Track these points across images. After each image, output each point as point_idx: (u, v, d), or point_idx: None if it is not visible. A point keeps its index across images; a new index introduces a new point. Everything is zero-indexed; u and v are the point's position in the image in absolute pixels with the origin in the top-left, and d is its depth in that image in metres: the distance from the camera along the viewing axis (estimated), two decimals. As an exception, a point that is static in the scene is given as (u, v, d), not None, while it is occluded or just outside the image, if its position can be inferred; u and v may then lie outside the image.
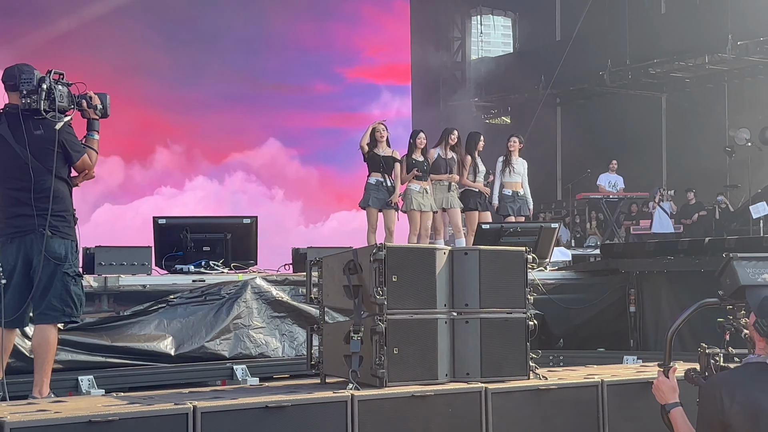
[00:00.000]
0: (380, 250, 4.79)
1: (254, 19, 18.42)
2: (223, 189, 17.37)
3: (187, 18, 17.46)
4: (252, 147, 18.06)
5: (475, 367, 5.02)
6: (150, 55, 17.14)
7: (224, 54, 17.98)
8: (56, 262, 5.67)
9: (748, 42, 17.48)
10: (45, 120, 5.64)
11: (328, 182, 18.95)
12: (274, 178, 18.15)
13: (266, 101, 18.58)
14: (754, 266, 3.99)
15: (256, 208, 15.98)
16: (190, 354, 7.25)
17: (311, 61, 19.13)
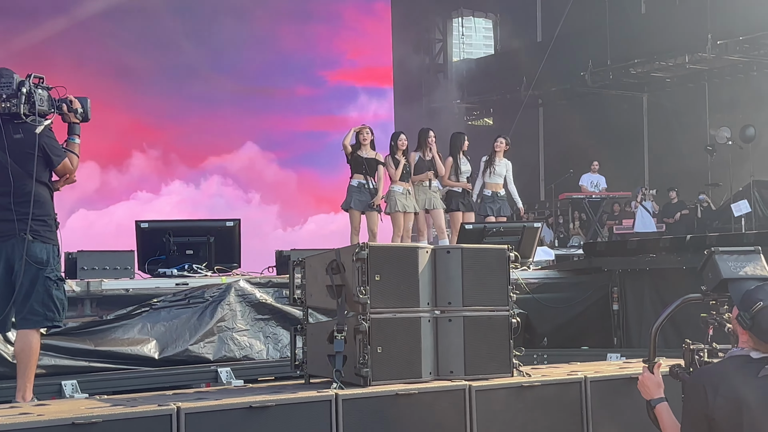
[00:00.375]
0: (363, 250, 4.79)
1: (236, 23, 18.42)
2: (199, 193, 17.32)
3: (168, 23, 17.43)
4: (230, 151, 18.04)
5: (459, 365, 5.03)
6: (130, 59, 17.14)
7: (206, 58, 17.98)
8: (38, 266, 5.64)
9: (727, 41, 17.58)
10: (25, 124, 5.62)
11: (307, 185, 18.94)
12: (251, 182, 18.14)
13: (248, 105, 18.57)
14: (735, 260, 4.01)
15: (232, 212, 16.00)
16: (174, 357, 7.23)
17: (293, 64, 19.14)
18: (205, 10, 17.89)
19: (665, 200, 18.92)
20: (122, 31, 17.02)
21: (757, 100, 18.72)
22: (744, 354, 3.53)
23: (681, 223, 18.14)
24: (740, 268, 3.94)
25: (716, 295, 4.05)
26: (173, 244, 8.51)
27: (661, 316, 4.27)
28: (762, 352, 3.50)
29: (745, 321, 3.49)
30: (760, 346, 3.50)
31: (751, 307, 3.50)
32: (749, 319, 3.48)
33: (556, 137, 22.32)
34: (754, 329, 3.48)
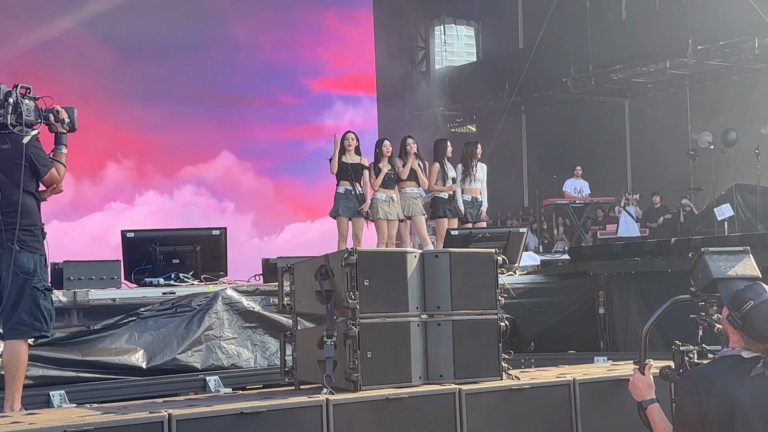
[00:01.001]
0: (351, 255, 4.81)
1: (218, 32, 18.43)
2: (173, 203, 17.21)
3: (148, 32, 17.41)
4: (206, 160, 17.93)
5: (449, 369, 5.05)
6: (112, 70, 17.10)
7: (189, 68, 17.96)
8: (25, 276, 5.63)
9: (708, 46, 17.70)
10: (12, 134, 5.62)
11: (285, 194, 18.88)
12: (226, 192, 18.02)
13: (230, 114, 18.56)
14: (725, 260, 4.05)
15: (206, 222, 15.94)
16: (161, 367, 7.22)
17: (275, 73, 19.14)
18: (187, 19, 17.87)
19: (648, 205, 19.01)
20: (100, 40, 16.97)
21: (738, 105, 18.85)
22: (735, 354, 3.55)
23: (664, 227, 18.24)
24: (730, 268, 3.98)
25: (705, 296, 4.07)
26: (159, 253, 8.51)
27: (651, 318, 4.29)
28: (753, 351, 3.51)
29: (736, 320, 3.51)
30: (751, 345, 3.51)
31: (742, 306, 3.51)
32: (740, 318, 3.50)
33: (540, 143, 22.41)
34: (745, 328, 3.50)
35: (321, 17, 20.03)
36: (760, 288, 3.59)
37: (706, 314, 4.11)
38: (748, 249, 4.11)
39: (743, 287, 3.61)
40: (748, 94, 18.76)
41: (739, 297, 3.56)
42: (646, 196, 19.09)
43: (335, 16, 20.45)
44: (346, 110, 20.17)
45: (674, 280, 8.75)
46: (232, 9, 18.51)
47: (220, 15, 18.39)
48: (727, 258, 4.02)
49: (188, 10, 17.84)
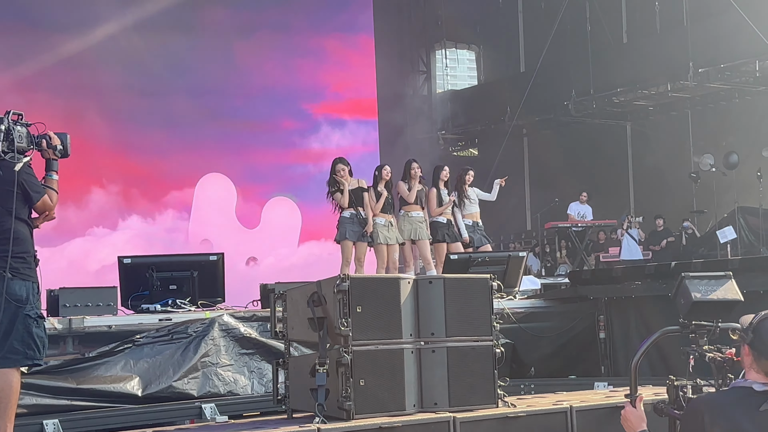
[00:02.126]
0: (344, 281, 4.77)
1: (218, 56, 18.47)
2: (154, 228, 17.03)
3: (150, 56, 17.46)
4: (192, 185, 17.76)
5: (443, 397, 5.00)
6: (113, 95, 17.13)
7: (189, 93, 17.97)
8: (17, 304, 5.58)
9: (709, 69, 17.69)
10: (3, 161, 5.58)
11: (276, 218, 18.75)
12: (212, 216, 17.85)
13: (230, 138, 18.55)
14: (706, 284, 4.00)
15: (187, 247, 15.82)
16: (157, 394, 7.17)
17: (277, 98, 19.16)
18: (187, 44, 17.92)
19: (651, 228, 18.95)
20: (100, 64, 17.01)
21: (739, 127, 18.83)
22: (747, 386, 3.42)
23: (667, 250, 18.16)
24: (711, 292, 3.93)
25: (694, 326, 4.00)
26: (156, 279, 8.47)
27: (639, 350, 4.23)
28: (764, 381, 3.37)
29: (746, 336, 3.41)
30: (762, 367, 3.37)
31: (752, 321, 3.42)
32: (751, 331, 3.39)
33: (541, 167, 22.37)
34: (755, 342, 3.37)
35: (322, 41, 20.08)
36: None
37: (697, 345, 4.04)
38: (730, 274, 4.06)
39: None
40: (749, 116, 18.74)
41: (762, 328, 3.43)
42: (649, 218, 19.03)
43: (336, 40, 20.49)
44: (348, 134, 20.17)
45: (675, 305, 8.70)
46: (232, 32, 18.56)
47: (220, 38, 18.43)
48: (708, 282, 3.97)
49: (188, 33, 17.89)
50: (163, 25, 17.43)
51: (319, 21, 19.97)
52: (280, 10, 19.15)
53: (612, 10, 20.68)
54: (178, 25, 17.67)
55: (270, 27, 19.02)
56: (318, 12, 19.90)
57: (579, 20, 20.18)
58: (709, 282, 3.96)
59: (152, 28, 17.29)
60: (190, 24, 17.91)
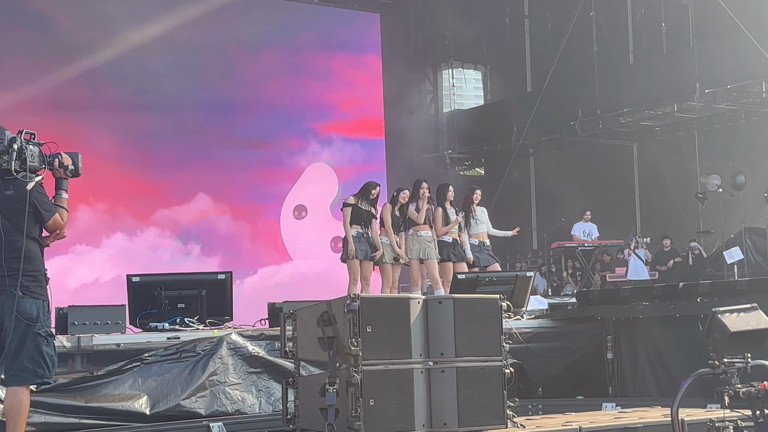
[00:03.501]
0: (354, 301, 4.78)
1: (225, 75, 18.54)
2: (135, 246, 16.98)
3: (158, 76, 17.54)
4: (180, 203, 17.72)
5: (453, 417, 5.00)
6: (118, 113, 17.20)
7: (195, 111, 18.05)
8: (28, 322, 5.59)
9: (715, 90, 17.70)
10: (16, 180, 5.61)
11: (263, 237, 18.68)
12: (199, 234, 17.80)
13: (237, 158, 18.60)
14: (737, 317, 3.98)
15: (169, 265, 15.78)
16: (165, 413, 7.17)
17: (284, 117, 19.22)
18: (193, 62, 18.00)
19: (658, 248, 18.93)
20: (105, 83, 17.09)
21: (746, 148, 18.83)
22: None
23: (674, 270, 18.13)
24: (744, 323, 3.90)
25: (725, 367, 3.96)
26: (165, 297, 8.48)
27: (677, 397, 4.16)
28: None
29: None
30: None
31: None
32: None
33: (548, 186, 22.37)
34: None
35: (329, 61, 20.17)
36: None
37: (730, 385, 4.01)
38: (756, 306, 4.05)
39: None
40: (756, 137, 18.74)
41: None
42: (656, 239, 19.01)
43: (344, 60, 20.58)
44: (355, 153, 20.22)
45: (682, 325, 8.69)
46: (239, 52, 18.65)
47: (227, 57, 18.51)
48: (739, 315, 3.95)
49: (194, 51, 17.96)
50: (170, 44, 17.52)
51: (327, 40, 20.07)
52: (287, 28, 19.24)
53: (618, 31, 20.72)
54: (185, 43, 17.76)
55: (277, 46, 19.11)
56: (325, 31, 20.00)
57: (585, 40, 20.22)
58: (740, 314, 3.95)
59: (158, 47, 17.38)
60: (197, 42, 17.98)
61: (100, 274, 16.00)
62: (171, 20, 17.32)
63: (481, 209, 12.63)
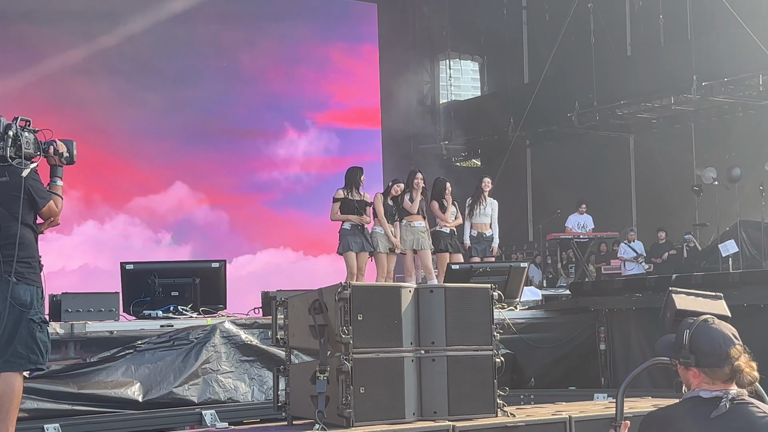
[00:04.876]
0: (345, 289, 4.80)
1: (223, 66, 18.53)
2: (107, 234, 16.84)
3: (155, 65, 17.53)
4: (157, 191, 17.65)
5: (443, 406, 5.02)
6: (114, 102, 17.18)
7: (193, 101, 18.04)
8: (22, 308, 5.61)
9: (712, 83, 17.72)
10: (11, 167, 5.62)
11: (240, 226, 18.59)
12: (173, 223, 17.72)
13: (233, 146, 18.59)
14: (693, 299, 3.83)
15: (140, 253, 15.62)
16: (158, 400, 7.19)
17: (281, 107, 19.22)
18: (191, 53, 17.98)
19: (653, 240, 18.96)
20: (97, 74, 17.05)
21: (742, 141, 18.85)
22: (695, 395, 3.22)
23: (669, 263, 18.17)
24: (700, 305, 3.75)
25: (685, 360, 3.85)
26: (158, 285, 8.49)
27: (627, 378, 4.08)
28: (712, 388, 3.17)
29: (687, 359, 3.16)
30: (713, 376, 3.16)
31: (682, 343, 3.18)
32: (688, 354, 3.15)
33: (544, 178, 22.40)
34: (699, 361, 3.16)
35: (327, 51, 20.16)
36: (688, 318, 3.27)
37: None
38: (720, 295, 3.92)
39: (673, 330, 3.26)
40: (752, 130, 18.76)
41: (677, 338, 3.23)
42: (651, 231, 19.04)
43: (341, 50, 20.57)
44: (351, 144, 20.22)
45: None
46: (237, 42, 18.64)
47: (224, 48, 18.49)
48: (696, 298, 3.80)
49: (191, 43, 17.94)
50: (168, 36, 17.50)
51: (324, 31, 20.06)
52: (285, 19, 19.23)
53: (616, 23, 20.73)
54: (182, 35, 17.75)
55: (274, 37, 19.10)
56: (322, 22, 19.99)
57: (583, 32, 20.23)
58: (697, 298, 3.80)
59: (155, 38, 17.36)
60: (194, 34, 17.97)
61: (66, 263, 15.92)
62: (166, 9, 17.28)
63: (492, 201, 12.65)
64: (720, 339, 3.16)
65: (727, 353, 3.13)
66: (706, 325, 3.19)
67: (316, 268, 17.80)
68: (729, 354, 3.13)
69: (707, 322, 3.21)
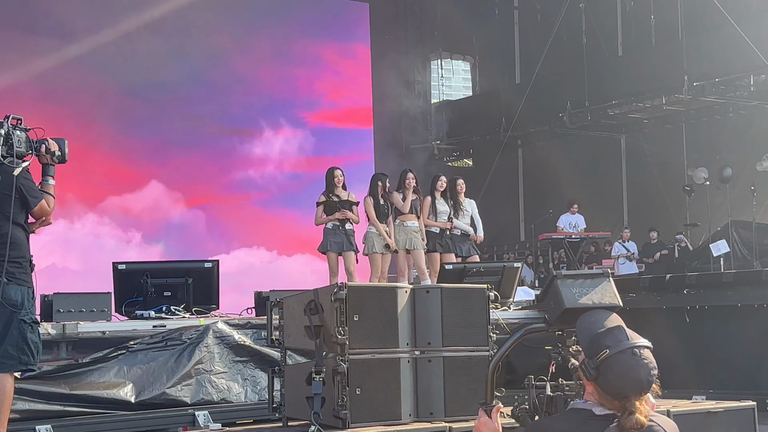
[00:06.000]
0: (341, 290, 4.77)
1: (215, 65, 18.48)
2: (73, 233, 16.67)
3: (144, 65, 17.46)
4: (132, 190, 17.50)
5: (439, 407, 5.00)
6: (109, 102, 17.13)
7: (184, 100, 17.99)
8: (12, 309, 5.56)
9: (704, 83, 17.75)
10: (2, 165, 5.57)
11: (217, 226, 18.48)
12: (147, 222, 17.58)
13: (224, 145, 18.54)
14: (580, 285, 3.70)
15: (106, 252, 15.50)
16: (150, 401, 7.12)
17: (273, 106, 19.18)
18: (183, 52, 17.92)
19: (645, 240, 18.99)
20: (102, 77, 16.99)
21: (733, 141, 18.89)
22: (587, 408, 2.93)
23: (660, 263, 18.19)
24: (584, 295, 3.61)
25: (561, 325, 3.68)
26: (151, 285, 8.43)
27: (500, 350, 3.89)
28: (607, 407, 2.89)
29: (589, 371, 2.88)
30: (604, 401, 2.89)
31: (597, 355, 2.88)
32: (593, 368, 2.87)
33: (536, 178, 22.42)
34: (599, 380, 2.88)
35: (319, 50, 20.13)
36: (621, 334, 2.91)
37: (563, 346, 3.74)
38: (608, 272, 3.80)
39: (602, 331, 2.93)
40: (743, 131, 18.80)
41: (596, 343, 2.91)
42: (643, 231, 19.07)
43: (333, 49, 20.54)
44: (343, 143, 20.19)
45: (669, 317, 8.71)
46: (229, 42, 18.59)
47: (217, 46, 18.44)
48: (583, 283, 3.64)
49: (183, 41, 17.88)
50: (158, 33, 17.44)
51: (316, 30, 20.03)
52: (277, 19, 19.19)
53: (608, 23, 20.76)
54: (174, 33, 17.68)
55: (267, 36, 19.06)
56: (315, 21, 19.96)
57: (575, 32, 20.25)
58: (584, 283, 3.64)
59: (146, 36, 17.30)
60: (186, 32, 17.90)
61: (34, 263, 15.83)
62: (160, 7, 17.22)
63: (469, 201, 12.61)
64: (629, 381, 2.86)
65: (626, 396, 2.86)
66: (626, 358, 2.86)
67: (290, 267, 17.75)
68: (628, 397, 2.86)
69: (633, 353, 2.87)
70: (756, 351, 8.49)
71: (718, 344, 8.73)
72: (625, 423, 2.83)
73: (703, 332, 8.87)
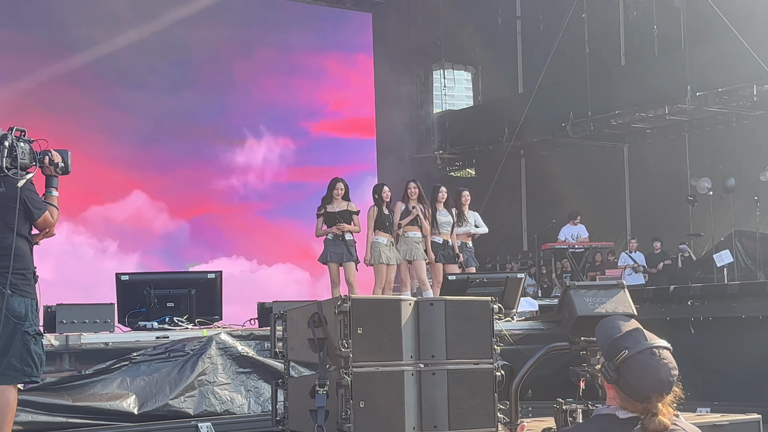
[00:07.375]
0: (345, 302, 4.76)
1: (218, 74, 18.51)
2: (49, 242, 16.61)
3: (147, 73, 17.49)
4: (115, 200, 17.41)
5: (443, 419, 4.98)
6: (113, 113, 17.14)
7: (187, 110, 18.00)
8: (16, 320, 5.56)
9: (707, 93, 17.73)
10: (6, 177, 5.57)
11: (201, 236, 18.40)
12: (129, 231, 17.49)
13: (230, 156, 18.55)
14: (594, 295, 3.72)
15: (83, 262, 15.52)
16: (153, 412, 7.11)
17: (276, 116, 19.19)
18: (186, 62, 17.95)
19: (649, 250, 18.96)
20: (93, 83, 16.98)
21: (737, 151, 18.87)
22: (610, 413, 2.95)
23: (664, 273, 18.17)
24: (599, 305, 3.63)
25: (585, 342, 3.67)
26: (154, 296, 8.44)
27: (522, 369, 3.89)
28: (630, 411, 2.92)
29: (609, 373, 2.90)
30: (627, 404, 2.91)
31: (616, 356, 2.92)
32: (613, 370, 2.89)
33: (538, 188, 22.41)
34: (619, 383, 2.90)
35: (321, 60, 20.16)
36: (639, 335, 2.95)
37: (588, 364, 3.71)
38: (622, 283, 3.81)
39: (622, 334, 2.96)
40: (746, 140, 18.79)
41: (614, 346, 2.95)
42: (646, 241, 19.05)
43: (336, 59, 20.57)
44: (345, 153, 20.20)
45: (673, 328, 8.69)
46: (233, 50, 18.62)
47: (220, 56, 18.47)
48: (597, 293, 3.67)
49: (187, 51, 17.90)
50: (163, 44, 17.47)
51: (319, 40, 20.06)
52: (280, 29, 19.23)
53: (610, 33, 20.76)
54: (178, 43, 17.71)
55: (270, 46, 19.10)
56: (317, 31, 19.99)
57: (577, 42, 20.25)
58: (598, 293, 3.66)
59: (151, 46, 17.33)
60: (190, 42, 17.93)
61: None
62: (161, 18, 17.25)
63: (472, 213, 12.60)
64: (649, 381, 2.88)
65: (647, 396, 2.88)
66: (645, 358, 2.90)
67: (269, 277, 17.73)
68: (650, 398, 2.88)
69: (652, 353, 2.90)
70: (761, 363, 8.47)
71: (722, 356, 8.70)
72: (648, 425, 2.84)
73: (707, 344, 8.85)
